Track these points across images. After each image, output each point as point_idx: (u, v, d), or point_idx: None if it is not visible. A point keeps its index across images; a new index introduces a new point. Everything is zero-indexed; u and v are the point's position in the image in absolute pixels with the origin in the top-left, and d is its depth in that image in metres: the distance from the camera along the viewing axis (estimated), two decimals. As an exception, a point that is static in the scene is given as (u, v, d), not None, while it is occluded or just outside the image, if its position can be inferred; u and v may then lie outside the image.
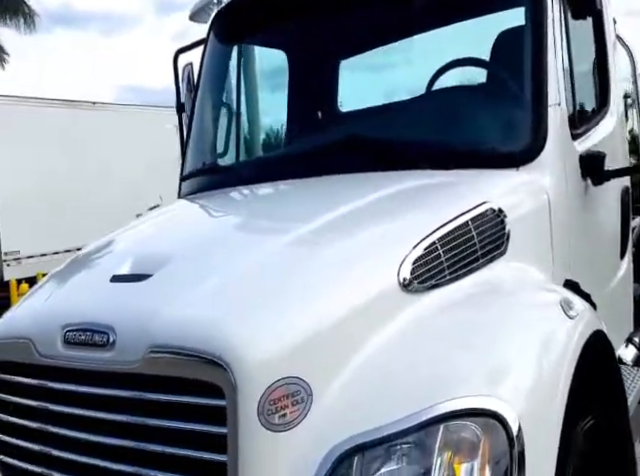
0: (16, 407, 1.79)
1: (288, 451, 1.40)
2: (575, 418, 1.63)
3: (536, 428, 1.44)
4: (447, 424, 1.38)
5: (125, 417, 1.55)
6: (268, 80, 3.73)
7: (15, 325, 1.85)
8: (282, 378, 1.42)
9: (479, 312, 1.69)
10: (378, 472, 1.37)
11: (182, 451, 1.46)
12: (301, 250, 1.78)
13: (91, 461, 1.60)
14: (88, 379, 1.62)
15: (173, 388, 1.48)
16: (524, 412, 1.43)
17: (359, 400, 1.45)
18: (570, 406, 1.54)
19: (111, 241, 2.26)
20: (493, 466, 1.37)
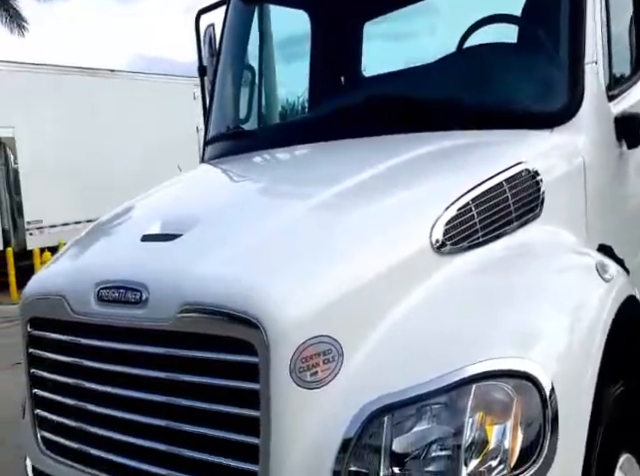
0: (50, 363, 1.83)
1: (319, 409, 1.41)
2: (606, 383, 1.62)
3: (569, 392, 1.43)
4: (479, 385, 1.37)
5: (158, 373, 1.57)
6: (291, 42, 3.68)
7: (48, 282, 1.87)
8: (314, 337, 1.42)
9: (512, 275, 1.67)
10: (408, 432, 1.38)
11: (215, 406, 1.48)
12: (332, 211, 1.76)
13: (124, 415, 1.64)
14: (121, 336, 1.64)
15: (206, 345, 1.50)
16: (557, 375, 1.42)
17: (390, 360, 1.46)
18: (602, 371, 1.53)
19: (138, 204, 2.27)
20: (525, 428, 1.37)
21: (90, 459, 1.72)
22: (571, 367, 1.49)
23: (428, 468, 1.36)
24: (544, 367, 1.41)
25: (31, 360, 1.88)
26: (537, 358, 1.43)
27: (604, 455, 1.56)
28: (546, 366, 1.42)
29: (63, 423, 1.81)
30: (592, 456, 1.50)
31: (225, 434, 1.47)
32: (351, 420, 1.39)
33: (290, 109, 3.62)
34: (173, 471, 1.54)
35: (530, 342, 1.48)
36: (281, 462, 1.40)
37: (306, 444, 1.40)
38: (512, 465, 1.34)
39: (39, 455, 1.88)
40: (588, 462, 1.47)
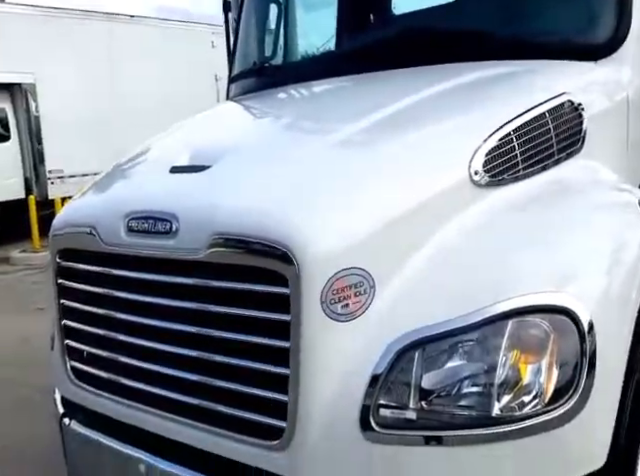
0: (80, 293, 1.83)
1: (349, 341, 1.40)
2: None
3: (607, 332, 1.39)
4: (515, 320, 1.34)
5: (188, 304, 1.56)
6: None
7: (78, 214, 1.86)
8: (346, 268, 1.39)
9: (552, 211, 1.61)
10: (439, 368, 1.36)
11: (245, 337, 1.47)
12: (366, 142, 1.71)
13: (155, 346, 1.64)
14: (151, 267, 1.63)
15: (236, 276, 1.48)
16: (595, 313, 1.38)
17: (423, 295, 1.43)
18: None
19: (164, 138, 2.24)
20: (561, 365, 1.34)
21: (120, 388, 1.74)
22: (610, 307, 1.44)
23: (458, 403, 1.35)
24: (583, 304, 1.37)
25: (61, 291, 1.88)
26: (576, 294, 1.38)
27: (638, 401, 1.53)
28: (585, 303, 1.37)
29: (93, 353, 1.82)
30: (626, 400, 1.46)
31: (256, 364, 1.46)
32: (381, 354, 1.37)
33: (317, 45, 3.50)
34: (204, 401, 1.55)
35: (569, 279, 1.44)
36: (310, 393, 1.39)
37: (335, 377, 1.39)
38: (546, 401, 1.32)
39: (69, 385, 1.90)
40: (622, 405, 1.44)
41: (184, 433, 1.59)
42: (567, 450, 1.32)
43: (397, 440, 1.35)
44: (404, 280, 1.44)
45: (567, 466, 1.33)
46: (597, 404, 1.33)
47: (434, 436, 1.33)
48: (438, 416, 1.34)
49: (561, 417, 1.31)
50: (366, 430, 1.35)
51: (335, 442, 1.38)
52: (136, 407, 1.70)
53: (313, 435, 1.39)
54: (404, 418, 1.35)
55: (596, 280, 1.47)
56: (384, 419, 1.35)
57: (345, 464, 1.38)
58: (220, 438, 1.52)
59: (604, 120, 1.91)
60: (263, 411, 1.45)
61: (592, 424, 1.34)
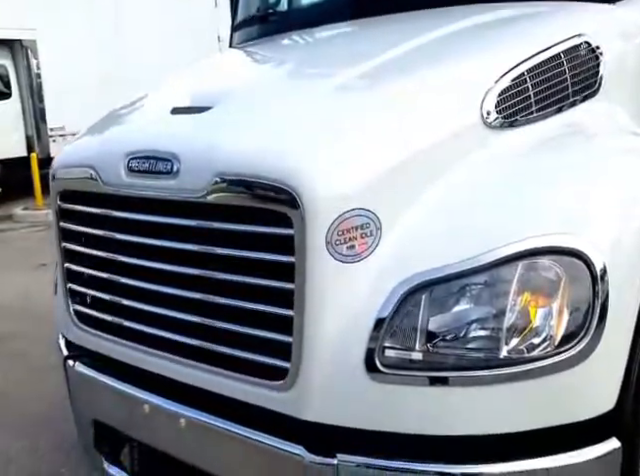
0: (82, 236, 1.82)
1: (355, 284, 1.37)
2: None
3: (620, 277, 1.36)
4: (526, 262, 1.31)
5: (190, 246, 1.54)
6: None
7: (78, 154, 1.83)
8: (352, 209, 1.36)
9: (567, 154, 1.56)
10: (446, 311, 1.35)
11: (249, 279, 1.45)
12: (374, 83, 1.66)
13: (157, 288, 1.63)
14: (152, 208, 1.60)
15: (239, 218, 1.45)
16: (609, 258, 1.34)
17: (430, 237, 1.40)
18: None
19: (165, 82, 2.19)
20: (572, 308, 1.32)
21: (123, 331, 1.74)
22: (624, 253, 1.41)
23: (465, 346, 1.33)
24: (596, 248, 1.34)
25: (63, 234, 1.86)
26: (589, 239, 1.35)
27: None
28: (598, 247, 1.34)
29: (96, 296, 1.81)
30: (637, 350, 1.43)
31: (259, 306, 1.45)
32: (387, 297, 1.35)
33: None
34: (207, 342, 1.54)
35: (582, 223, 1.40)
36: (315, 335, 1.38)
37: (341, 319, 1.37)
38: (556, 343, 1.30)
39: (72, 328, 1.90)
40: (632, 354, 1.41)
41: (188, 374, 1.59)
42: (576, 392, 1.31)
43: (402, 380, 1.34)
44: (412, 222, 1.41)
45: (576, 408, 1.32)
46: (607, 348, 1.31)
47: (440, 377, 1.32)
48: (444, 358, 1.33)
49: (570, 360, 1.29)
50: (371, 371, 1.34)
51: (339, 382, 1.37)
52: (139, 349, 1.70)
53: (317, 375, 1.38)
54: (409, 359, 1.34)
55: (610, 226, 1.43)
56: (389, 360, 1.34)
57: (349, 404, 1.37)
58: (224, 378, 1.51)
59: (622, 63, 1.85)
60: (267, 352, 1.44)
61: (602, 367, 1.32)
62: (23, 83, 11.83)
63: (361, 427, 1.37)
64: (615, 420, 1.34)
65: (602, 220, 1.43)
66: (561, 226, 1.36)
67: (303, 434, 1.42)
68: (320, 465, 1.38)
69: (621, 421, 1.36)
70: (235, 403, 1.52)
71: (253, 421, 1.50)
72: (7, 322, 4.47)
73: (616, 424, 1.34)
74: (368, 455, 1.37)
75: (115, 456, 1.89)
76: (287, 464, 1.43)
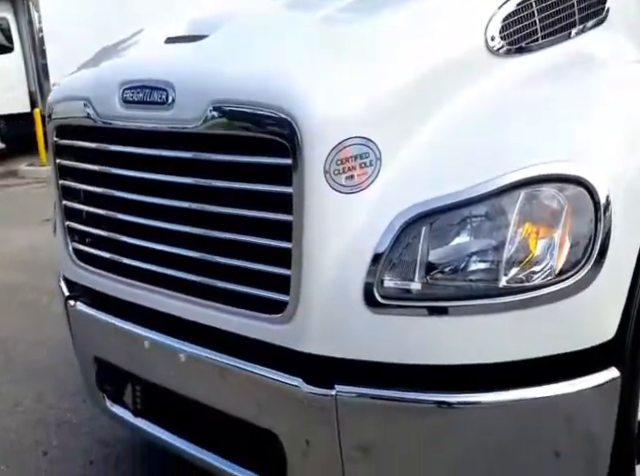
0: (79, 172, 1.81)
1: (354, 215, 1.36)
2: None
3: (623, 207, 1.34)
4: (528, 190, 1.29)
5: (188, 179, 1.52)
6: None
7: (73, 88, 1.81)
8: (351, 137, 1.34)
9: (572, 83, 1.53)
10: (446, 242, 1.33)
11: (247, 212, 1.44)
12: (376, 6, 1.61)
13: (155, 223, 1.62)
14: (148, 141, 1.58)
15: (236, 148, 1.43)
16: (612, 187, 1.32)
17: (430, 167, 1.38)
18: None
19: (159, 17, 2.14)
20: (574, 239, 1.30)
21: (122, 268, 1.74)
22: (628, 184, 1.38)
23: (465, 276, 1.32)
24: (600, 177, 1.31)
25: (60, 171, 1.85)
26: (593, 168, 1.32)
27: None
28: (602, 177, 1.32)
29: (94, 233, 1.81)
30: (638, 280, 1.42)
31: (258, 240, 1.44)
32: (387, 228, 1.33)
33: None
34: (205, 277, 1.54)
35: (587, 153, 1.37)
36: (313, 267, 1.37)
37: (339, 251, 1.36)
38: (556, 272, 1.29)
39: (71, 267, 1.91)
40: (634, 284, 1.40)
41: (188, 310, 1.60)
42: (576, 322, 1.31)
43: (401, 311, 1.34)
44: (412, 152, 1.38)
45: (576, 337, 1.32)
46: (608, 277, 1.30)
47: (439, 307, 1.32)
48: (443, 289, 1.32)
49: (570, 289, 1.28)
50: (370, 302, 1.34)
51: (338, 314, 1.37)
52: (138, 286, 1.70)
53: (315, 308, 1.38)
54: (408, 290, 1.33)
55: (614, 157, 1.40)
56: (388, 291, 1.34)
57: (348, 335, 1.37)
58: (223, 313, 1.52)
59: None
60: (265, 285, 1.44)
61: (602, 297, 1.31)
62: (25, 37, 11.69)
63: (360, 358, 1.37)
64: (614, 350, 1.34)
65: (605, 151, 1.40)
66: (565, 154, 1.34)
67: (301, 366, 1.43)
68: (319, 396, 1.39)
69: (620, 351, 1.35)
70: (234, 337, 1.52)
71: (252, 355, 1.51)
72: (14, 273, 4.54)
73: (615, 354, 1.34)
74: (367, 386, 1.37)
75: (117, 394, 1.92)
76: (286, 396, 1.44)
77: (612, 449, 1.35)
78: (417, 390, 1.35)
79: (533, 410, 1.32)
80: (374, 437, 1.41)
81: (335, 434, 1.40)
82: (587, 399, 1.32)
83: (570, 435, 1.35)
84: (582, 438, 1.36)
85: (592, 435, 1.36)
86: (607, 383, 1.32)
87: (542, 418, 1.33)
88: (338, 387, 1.38)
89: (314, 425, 1.44)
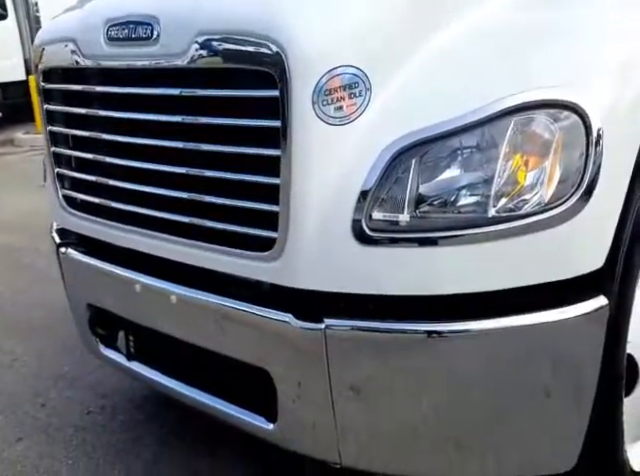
0: (67, 117, 1.80)
1: (343, 147, 1.35)
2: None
3: (616, 135, 1.32)
4: (517, 118, 1.28)
5: (175, 117, 1.52)
6: None
7: (58, 30, 1.79)
8: (339, 66, 1.32)
9: (568, 7, 1.48)
10: (436, 173, 1.33)
11: (235, 148, 1.44)
12: None
13: (143, 165, 1.62)
14: (135, 79, 1.58)
15: (223, 82, 1.43)
16: (604, 113, 1.31)
17: (421, 97, 1.36)
18: None
19: None
20: (564, 167, 1.29)
21: (112, 212, 1.75)
22: (620, 114, 1.37)
23: (454, 207, 1.32)
24: (592, 104, 1.30)
25: (48, 117, 1.84)
26: (586, 93, 1.31)
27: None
28: (594, 104, 1.30)
29: (83, 179, 1.81)
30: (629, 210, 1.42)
31: (246, 177, 1.44)
32: (376, 160, 1.33)
33: None
34: (195, 218, 1.55)
35: (580, 78, 1.35)
36: (302, 201, 1.37)
37: (328, 184, 1.36)
38: (546, 201, 1.29)
39: (62, 213, 1.91)
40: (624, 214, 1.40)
41: (178, 252, 1.60)
42: (565, 250, 1.31)
43: (389, 244, 1.34)
44: (403, 82, 1.37)
45: (564, 265, 1.32)
46: (598, 206, 1.30)
47: (428, 238, 1.32)
48: (433, 220, 1.32)
49: (558, 217, 1.28)
50: (358, 235, 1.34)
51: (327, 249, 1.37)
52: (129, 230, 1.71)
53: (304, 243, 1.38)
54: (397, 222, 1.33)
55: (610, 86, 1.38)
56: (377, 224, 1.34)
57: (337, 269, 1.38)
58: (212, 253, 1.53)
59: None
60: (255, 223, 1.44)
61: (591, 226, 1.31)
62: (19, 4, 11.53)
63: (349, 291, 1.38)
64: (603, 278, 1.35)
65: (602, 79, 1.38)
66: (558, 80, 1.32)
67: (291, 303, 1.44)
68: (308, 330, 1.40)
69: (609, 280, 1.36)
70: (225, 277, 1.54)
71: (243, 294, 1.52)
72: (11, 236, 4.57)
73: (604, 282, 1.35)
74: (356, 319, 1.39)
75: (110, 339, 1.95)
76: (277, 333, 1.46)
77: (599, 378, 1.37)
78: (406, 321, 1.36)
79: (522, 338, 1.33)
80: (365, 371, 1.42)
81: (325, 369, 1.42)
82: (576, 327, 1.33)
83: (558, 363, 1.36)
84: (570, 366, 1.37)
85: (580, 363, 1.38)
86: (595, 311, 1.33)
87: (531, 346, 1.34)
88: (327, 321, 1.39)
89: (305, 361, 1.45)
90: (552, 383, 1.37)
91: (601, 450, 1.48)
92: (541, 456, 1.43)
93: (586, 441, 1.41)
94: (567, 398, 1.39)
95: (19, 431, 2.43)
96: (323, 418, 1.47)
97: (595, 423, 1.40)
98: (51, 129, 1.85)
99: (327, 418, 1.46)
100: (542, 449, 1.42)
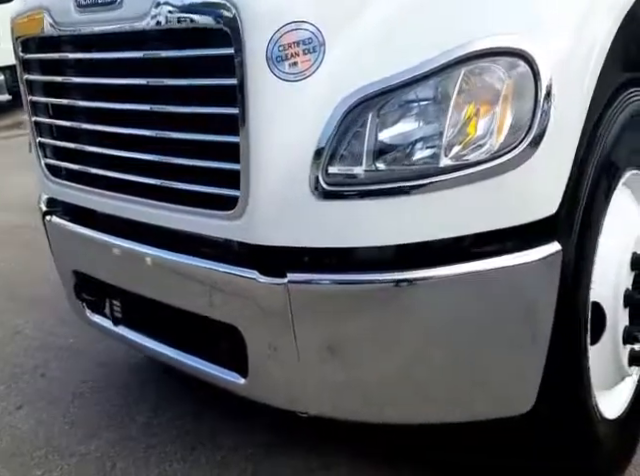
0: (45, 85, 1.91)
1: (299, 103, 1.41)
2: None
3: (567, 84, 1.37)
4: (468, 67, 1.33)
5: (142, 80, 1.60)
6: None
7: None
8: (292, 22, 1.38)
9: None
10: (388, 128, 1.38)
11: (197, 109, 1.52)
12: None
13: (116, 130, 1.71)
14: (103, 45, 1.66)
15: (183, 42, 1.50)
16: (556, 62, 1.35)
17: (374, 50, 1.41)
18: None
19: None
20: (514, 115, 1.34)
21: (90, 178, 1.84)
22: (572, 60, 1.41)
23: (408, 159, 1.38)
24: (542, 49, 1.34)
25: (29, 87, 1.95)
26: (537, 42, 1.35)
27: (603, 169, 1.54)
28: (543, 48, 1.35)
29: (61, 146, 1.92)
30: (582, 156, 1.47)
31: (208, 136, 1.52)
32: (330, 115, 1.38)
33: None
34: (163, 180, 1.63)
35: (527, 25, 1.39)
36: (261, 159, 1.43)
37: (286, 139, 1.42)
38: (496, 148, 1.34)
39: (45, 182, 2.02)
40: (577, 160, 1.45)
41: (149, 214, 1.69)
42: (516, 196, 1.36)
43: (346, 197, 1.40)
44: (356, 37, 1.42)
45: (518, 212, 1.38)
46: (549, 152, 1.35)
47: (384, 189, 1.38)
48: (388, 173, 1.38)
49: (509, 163, 1.33)
50: (316, 189, 1.40)
51: (287, 205, 1.44)
52: (105, 195, 1.80)
53: (265, 200, 1.45)
54: (353, 175, 1.39)
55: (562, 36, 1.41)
56: (334, 178, 1.40)
57: (297, 224, 1.45)
58: (181, 214, 1.61)
59: None
60: (217, 182, 1.52)
61: (543, 172, 1.36)
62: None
63: (311, 246, 1.45)
64: (557, 224, 1.40)
65: (554, 29, 1.41)
66: (507, 28, 1.36)
67: (257, 259, 1.51)
68: (272, 285, 1.48)
69: (563, 225, 1.42)
70: (194, 238, 1.62)
71: (212, 253, 1.60)
72: (14, 216, 4.74)
73: (558, 228, 1.41)
74: (319, 272, 1.46)
75: (96, 305, 2.05)
76: (244, 289, 1.54)
77: (559, 324, 1.43)
78: (367, 272, 1.42)
79: (480, 283, 1.39)
80: (328, 323, 1.49)
81: (290, 323, 1.49)
82: (530, 272, 1.39)
83: (514, 307, 1.43)
84: (525, 310, 1.43)
85: (534, 307, 1.43)
86: (549, 256, 1.38)
87: (488, 291, 1.40)
88: (290, 275, 1.46)
89: (271, 316, 1.53)
90: (508, 327, 1.43)
91: (564, 394, 1.55)
92: (499, 398, 1.50)
93: (546, 384, 1.47)
94: (522, 341, 1.45)
95: (20, 399, 2.59)
96: (290, 371, 1.55)
97: (555, 367, 1.46)
98: (31, 99, 1.95)
99: (294, 371, 1.55)
100: (500, 391, 1.49)
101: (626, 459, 1.86)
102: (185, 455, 2.18)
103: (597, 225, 1.52)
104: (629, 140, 1.63)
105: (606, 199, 1.55)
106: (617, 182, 1.61)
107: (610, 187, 1.57)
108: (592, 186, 1.49)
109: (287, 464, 2.08)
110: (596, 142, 1.51)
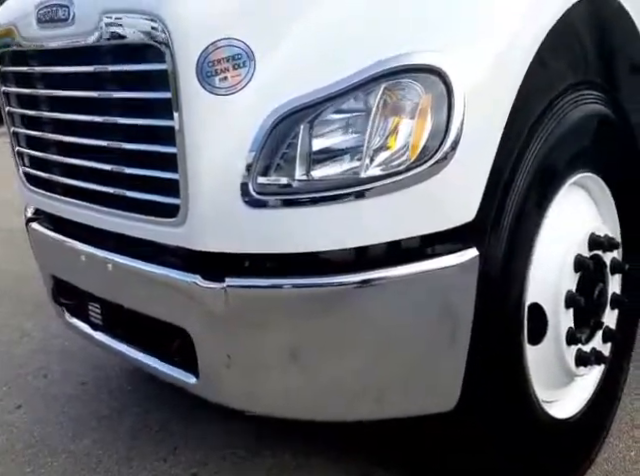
0: (17, 97, 2.09)
1: (231, 116, 1.52)
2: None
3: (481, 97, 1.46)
4: (386, 83, 1.43)
5: (94, 93, 1.75)
6: None
7: (4, 15, 2.05)
8: (221, 39, 1.49)
9: None
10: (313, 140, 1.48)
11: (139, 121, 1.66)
12: None
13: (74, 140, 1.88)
14: (61, 58, 1.82)
15: (124, 57, 1.64)
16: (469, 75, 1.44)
17: (301, 65, 1.52)
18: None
19: None
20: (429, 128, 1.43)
21: (57, 186, 2.01)
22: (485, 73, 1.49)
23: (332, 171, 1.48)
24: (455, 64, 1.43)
25: (5, 98, 2.13)
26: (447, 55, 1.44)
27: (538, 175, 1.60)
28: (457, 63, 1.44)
29: (34, 155, 2.09)
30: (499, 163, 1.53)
31: (151, 147, 1.65)
32: (259, 128, 1.49)
33: None
34: (115, 188, 1.78)
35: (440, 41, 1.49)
36: (197, 170, 1.55)
37: (219, 154, 1.53)
38: (412, 159, 1.43)
39: (24, 191, 2.20)
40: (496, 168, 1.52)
41: (105, 221, 1.84)
42: (433, 204, 1.46)
43: (275, 205, 1.51)
44: (284, 51, 1.53)
45: (436, 218, 1.47)
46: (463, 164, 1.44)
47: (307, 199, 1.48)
48: (312, 183, 1.48)
49: (425, 173, 1.42)
50: (248, 198, 1.52)
51: (222, 213, 1.56)
52: (70, 202, 1.96)
53: (202, 208, 1.57)
54: (280, 185, 1.50)
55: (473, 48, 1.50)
56: (263, 188, 1.51)
57: (231, 232, 1.56)
58: (131, 221, 1.75)
59: None
60: (160, 191, 1.65)
61: (459, 181, 1.45)
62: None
63: (247, 252, 1.57)
64: (474, 231, 1.48)
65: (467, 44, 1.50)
66: (423, 45, 1.46)
67: (199, 264, 1.63)
68: (212, 289, 1.60)
69: (480, 232, 1.50)
70: (145, 244, 1.76)
71: (162, 259, 1.73)
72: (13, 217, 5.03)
73: (475, 235, 1.49)
74: (256, 277, 1.57)
75: (72, 308, 2.23)
76: (188, 293, 1.65)
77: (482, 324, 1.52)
78: (298, 276, 1.53)
79: (404, 287, 1.50)
80: (267, 326, 1.60)
81: (231, 327, 1.62)
82: (449, 277, 1.48)
83: (436, 309, 1.53)
84: (445, 313, 1.53)
85: (454, 310, 1.53)
86: (467, 262, 1.47)
87: (413, 294, 1.51)
88: (228, 280, 1.57)
89: (213, 319, 1.65)
90: (430, 327, 1.54)
91: (498, 392, 1.64)
92: (425, 396, 1.61)
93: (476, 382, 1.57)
94: (443, 341, 1.55)
95: (20, 399, 2.81)
96: (235, 373, 1.68)
97: (486, 366, 1.56)
98: (9, 110, 2.14)
99: (239, 372, 1.67)
100: (425, 389, 1.59)
101: (586, 459, 1.90)
102: (167, 455, 2.35)
103: (530, 230, 1.57)
104: (575, 144, 1.68)
105: (541, 205, 1.61)
106: (559, 186, 1.66)
107: (547, 192, 1.62)
108: (524, 192, 1.55)
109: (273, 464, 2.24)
110: (530, 149, 1.57)
